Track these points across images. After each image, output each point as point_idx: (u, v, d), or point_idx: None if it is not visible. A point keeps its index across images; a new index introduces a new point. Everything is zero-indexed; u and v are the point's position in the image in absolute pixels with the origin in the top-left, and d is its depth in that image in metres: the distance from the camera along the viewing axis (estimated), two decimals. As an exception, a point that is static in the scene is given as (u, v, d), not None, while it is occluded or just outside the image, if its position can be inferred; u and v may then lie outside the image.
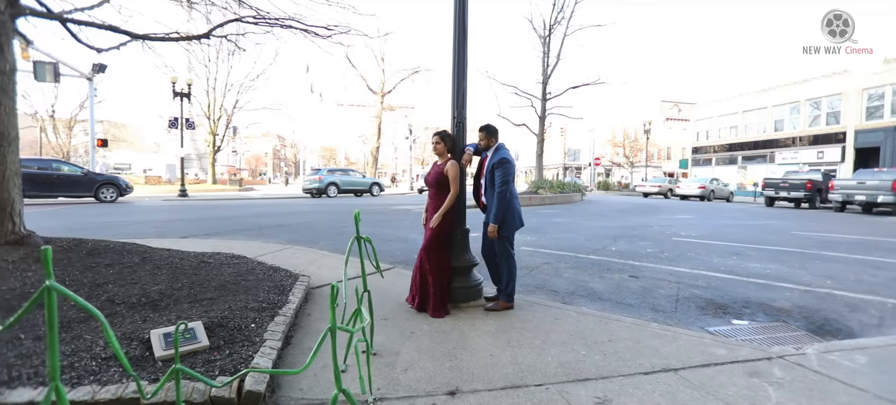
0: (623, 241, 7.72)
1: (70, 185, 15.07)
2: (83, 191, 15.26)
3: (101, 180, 15.88)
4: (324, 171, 22.16)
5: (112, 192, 15.78)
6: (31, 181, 14.10)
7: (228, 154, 72.30)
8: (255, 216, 11.19)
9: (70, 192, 15.15)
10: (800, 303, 4.38)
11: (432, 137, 3.77)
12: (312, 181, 21.36)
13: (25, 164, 13.62)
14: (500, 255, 3.65)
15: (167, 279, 3.25)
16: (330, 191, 20.94)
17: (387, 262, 5.57)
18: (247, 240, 7.12)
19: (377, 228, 9.01)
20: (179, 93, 19.57)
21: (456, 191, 3.62)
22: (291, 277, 4.03)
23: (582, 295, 4.51)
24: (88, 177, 15.62)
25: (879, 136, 24.58)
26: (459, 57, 3.84)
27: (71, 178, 15.15)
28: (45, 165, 15.30)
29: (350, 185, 21.96)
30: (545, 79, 18.58)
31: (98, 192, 15.39)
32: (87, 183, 15.35)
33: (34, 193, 14.21)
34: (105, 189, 15.63)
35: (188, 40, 4.50)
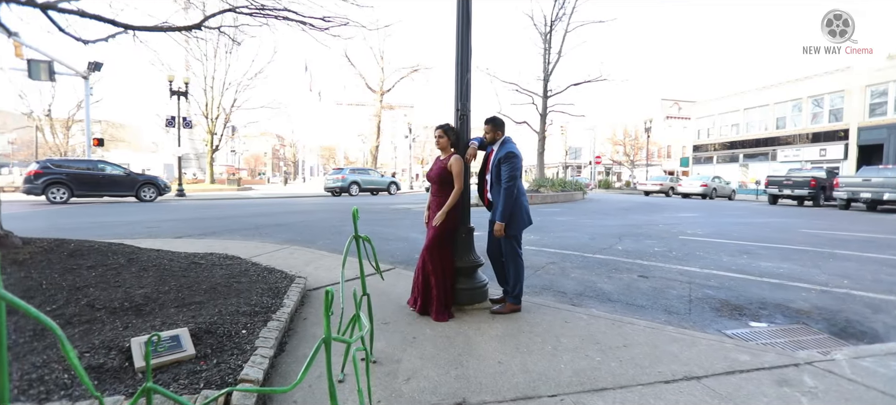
0: (629, 240, 7.53)
1: (114, 184, 15.60)
2: (125, 190, 15.78)
3: (142, 180, 16.37)
4: (346, 171, 22.99)
5: (152, 192, 16.32)
6: (80, 181, 14.78)
7: (227, 153, 72.03)
8: (253, 215, 10.99)
9: (114, 191, 15.63)
10: (818, 303, 4.19)
11: (435, 131, 3.58)
12: (335, 180, 22.18)
13: (76, 166, 15.34)
14: (507, 255, 3.46)
15: (154, 282, 3.06)
16: (352, 189, 21.83)
17: (387, 263, 5.38)
18: (243, 240, 6.93)
19: (377, 227, 8.82)
20: (176, 91, 19.36)
21: (460, 187, 3.43)
22: (287, 279, 3.84)
23: (591, 296, 4.33)
24: (130, 177, 16.09)
25: (883, 133, 24.41)
26: (463, 47, 3.64)
27: (114, 178, 15.67)
28: (92, 166, 15.71)
29: (370, 183, 22.83)
30: (546, 76, 18.38)
31: (139, 192, 15.92)
32: (129, 183, 15.87)
33: (82, 193, 14.84)
34: (145, 188, 16.16)
35: (179, 31, 4.31)
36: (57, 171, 14.54)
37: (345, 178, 22.06)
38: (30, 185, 14.18)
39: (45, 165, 14.68)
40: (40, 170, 14.35)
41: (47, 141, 37.42)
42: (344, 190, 21.75)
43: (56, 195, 14.36)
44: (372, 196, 22.68)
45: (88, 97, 18.13)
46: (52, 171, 14.50)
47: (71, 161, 16.02)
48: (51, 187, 14.27)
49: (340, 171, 23.16)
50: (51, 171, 14.46)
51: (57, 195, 14.37)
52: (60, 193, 14.42)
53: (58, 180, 14.41)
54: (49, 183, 14.25)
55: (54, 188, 14.34)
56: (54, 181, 14.36)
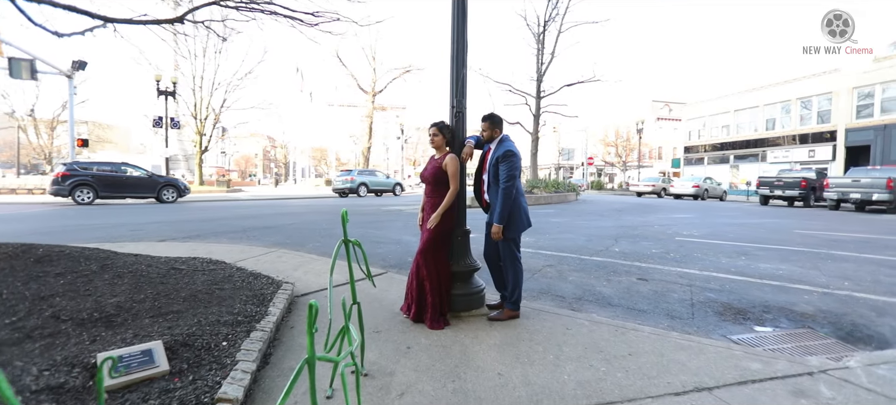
0: (625, 242, 7.42)
1: (137, 186, 15.98)
2: (147, 191, 16.12)
3: (163, 182, 16.75)
4: (355, 173, 23.84)
5: (172, 193, 16.64)
6: (104, 183, 15.18)
7: (217, 155, 71.19)
8: (242, 218, 10.73)
9: (137, 192, 15.98)
10: (822, 306, 4.09)
11: (429, 129, 3.42)
12: (345, 181, 22.88)
13: (101, 168, 15.76)
14: (505, 259, 3.30)
15: (128, 290, 2.85)
16: (361, 190, 22.53)
17: (379, 267, 5.20)
18: (230, 243, 6.70)
19: (368, 230, 8.62)
20: (164, 91, 18.98)
21: (456, 187, 3.27)
22: (273, 285, 3.64)
23: (590, 300, 4.19)
24: (152, 178, 16.44)
25: (870, 135, 24.73)
26: (458, 41, 3.48)
27: (138, 180, 16.04)
28: (116, 168, 16.06)
29: (376, 185, 23.62)
30: (540, 76, 18.31)
31: (160, 193, 16.24)
32: (151, 184, 16.20)
33: (107, 194, 15.25)
34: (166, 190, 16.49)
35: (160, 24, 4.10)
36: (83, 174, 14.93)
37: (354, 180, 22.69)
38: (58, 186, 14.49)
39: (71, 167, 15.03)
40: (68, 171, 14.71)
41: (31, 142, 36.62)
42: (353, 191, 22.32)
43: (82, 196, 14.68)
44: (376, 197, 22.91)
45: (72, 97, 17.69)
46: (79, 173, 14.87)
47: (95, 163, 16.34)
48: (77, 189, 14.61)
49: (350, 173, 23.84)
50: (78, 173, 14.83)
51: (83, 196, 14.70)
52: (86, 194, 14.77)
53: (84, 182, 14.78)
54: (76, 184, 14.60)
55: (81, 189, 14.68)
56: (81, 183, 14.72)
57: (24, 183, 20.17)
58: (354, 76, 37.76)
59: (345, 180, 23.04)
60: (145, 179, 16.21)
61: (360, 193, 22.50)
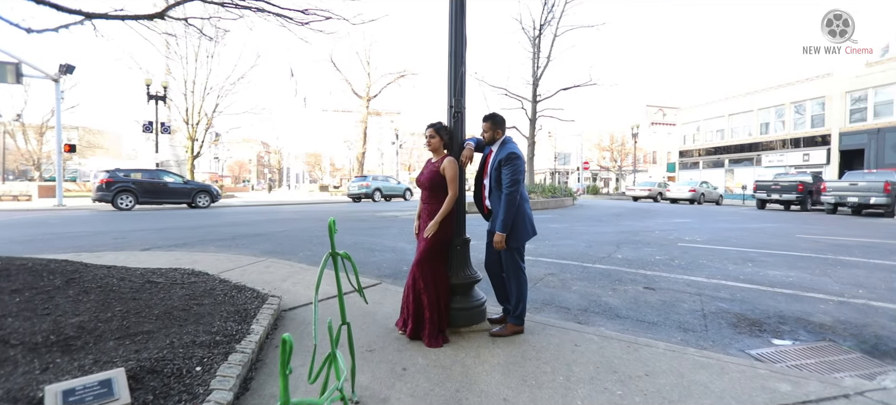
0: (627, 248, 7.21)
1: (173, 193, 16.64)
2: (183, 198, 16.83)
3: (197, 188, 17.52)
4: (369, 179, 25.38)
5: (206, 199, 17.38)
6: (144, 189, 15.85)
7: (210, 160, 70.54)
8: (232, 225, 10.43)
9: (173, 199, 16.67)
10: (840, 317, 3.88)
11: (426, 130, 3.18)
12: (361, 187, 24.52)
13: (148, 171, 16.67)
14: (508, 270, 3.06)
15: (94, 307, 2.58)
16: (375, 195, 24.29)
17: (373, 277, 4.94)
18: (217, 251, 6.41)
19: (361, 237, 8.36)
20: (154, 95, 18.64)
21: (455, 193, 3.03)
22: (258, 299, 3.38)
23: (597, 312, 3.95)
24: (187, 185, 17.30)
25: (863, 139, 24.80)
26: (457, 37, 3.26)
27: (174, 186, 16.74)
28: (155, 176, 16.76)
29: (389, 190, 25.33)
30: (535, 80, 18.17)
31: (195, 199, 16.95)
32: (186, 191, 16.95)
33: (146, 200, 15.91)
34: (200, 196, 17.22)
35: (138, 19, 3.84)
36: (125, 180, 15.63)
37: (369, 186, 24.41)
38: (102, 192, 15.15)
39: (114, 174, 15.77)
40: (111, 178, 15.43)
41: (19, 147, 36.00)
42: (368, 196, 24.02)
43: (124, 202, 15.36)
44: (386, 202, 24.05)
45: (59, 101, 17.29)
46: (122, 179, 15.59)
47: (134, 170, 16.97)
48: (120, 195, 15.27)
49: (364, 179, 25.37)
50: (120, 179, 15.56)
51: (125, 202, 15.38)
52: (128, 200, 15.43)
53: (126, 188, 15.46)
54: (119, 190, 15.28)
55: (123, 196, 15.34)
56: (123, 189, 15.39)
57: (9, 190, 19.70)
58: (349, 81, 37.56)
59: (361, 186, 24.52)
60: (181, 186, 16.88)
61: (375, 198, 24.14)
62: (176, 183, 16.85)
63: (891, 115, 23.80)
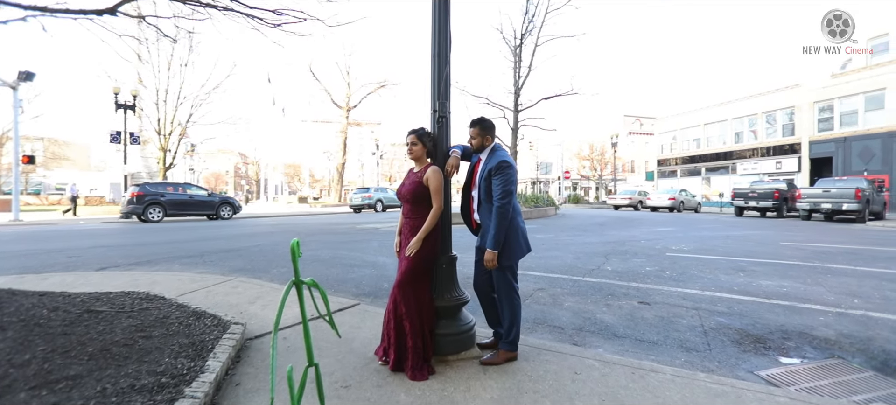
0: (616, 259, 7.02)
1: (199, 205, 17.30)
2: (208, 210, 17.47)
3: (220, 201, 18.13)
4: (372, 190, 26.59)
5: (228, 210, 18.13)
6: (173, 203, 16.47)
7: (185, 172, 68.53)
8: (202, 239, 9.86)
9: (200, 211, 17.28)
10: (842, 330, 3.72)
11: (407, 137, 2.88)
12: (364, 198, 25.66)
13: (175, 185, 17.36)
14: (500, 291, 2.77)
15: (10, 348, 2.16)
16: (377, 206, 25.49)
17: (350, 295, 4.58)
18: (181, 270, 5.93)
19: (340, 251, 7.95)
20: (123, 105, 17.83)
21: (440, 205, 2.73)
22: (219, 326, 2.99)
23: (592, 331, 3.69)
24: (212, 198, 17.97)
25: (831, 147, 25.63)
26: (441, 35, 2.98)
27: (199, 199, 17.43)
28: (183, 188, 17.58)
29: (390, 200, 26.04)
30: (517, 89, 18.13)
31: (219, 211, 17.65)
32: (210, 203, 17.64)
33: (173, 213, 16.49)
34: (223, 208, 17.94)
35: (86, 15, 3.44)
36: (154, 194, 16.18)
37: (371, 197, 25.67)
38: (133, 206, 15.62)
39: (144, 188, 16.34)
40: (141, 192, 15.90)
41: (-24, 160, 34.10)
42: (371, 206, 25.28)
43: (154, 214, 15.88)
44: (383, 213, 24.51)
45: (17, 110, 16.32)
46: (151, 193, 16.16)
47: (161, 184, 17.61)
48: (150, 208, 15.78)
49: (367, 190, 26.55)
50: (150, 193, 16.12)
51: (155, 214, 15.90)
52: (157, 213, 15.96)
53: (156, 201, 15.98)
54: (149, 204, 15.79)
55: (153, 208, 15.85)
56: (153, 202, 15.91)
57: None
58: (328, 91, 37.10)
59: (364, 197, 25.68)
60: (205, 198, 17.60)
61: (377, 208, 25.30)
62: (201, 196, 17.51)
63: (855, 124, 24.68)
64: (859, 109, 24.49)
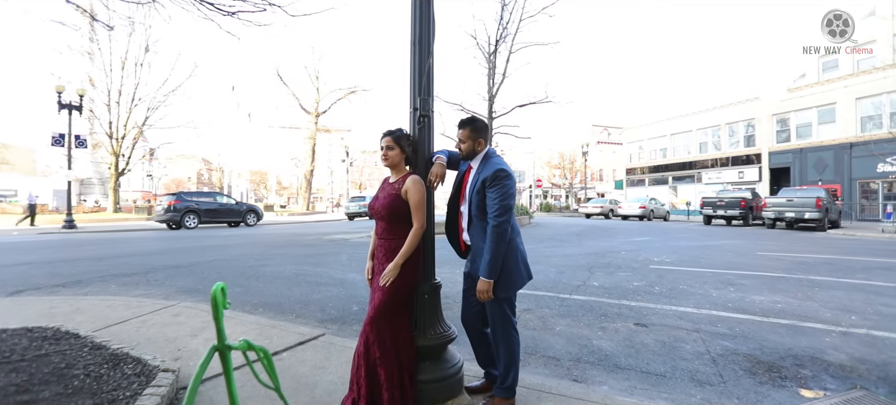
0: (600, 273, 6.69)
1: (228, 213, 18.30)
2: (236, 217, 18.41)
3: (246, 209, 19.03)
4: (367, 198, 26.02)
5: (254, 218, 19.02)
6: (209, 212, 17.46)
7: (142, 178, 64.86)
8: (151, 253, 8.93)
9: (228, 218, 18.25)
10: (853, 353, 3.45)
11: (382, 140, 2.38)
12: (360, 206, 25.50)
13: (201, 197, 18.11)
14: (495, 327, 2.28)
15: None
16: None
17: (314, 323, 3.99)
18: (116, 293, 5.15)
19: (305, 266, 7.29)
20: (68, 105, 16.38)
21: (422, 224, 2.24)
22: (142, 377, 2.36)
23: (591, 361, 3.26)
24: (239, 206, 18.92)
25: (789, 157, 26.76)
26: (422, 20, 2.51)
27: (228, 207, 18.49)
28: (212, 197, 18.71)
29: None
30: (491, 97, 17.87)
31: (245, 218, 18.59)
32: (238, 211, 18.55)
33: (206, 220, 17.35)
34: (249, 215, 18.83)
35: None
36: (190, 202, 17.08)
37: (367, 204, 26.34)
38: (172, 213, 16.36)
39: (179, 196, 17.11)
40: (178, 201, 16.72)
41: None
42: (367, 214, 24.33)
43: (190, 221, 16.69)
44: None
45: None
46: (186, 201, 16.99)
47: (194, 194, 18.40)
48: (187, 215, 16.61)
49: (364, 199, 26.32)
50: (185, 201, 16.93)
51: (191, 222, 16.70)
52: (193, 220, 16.75)
53: (192, 209, 16.82)
54: (186, 211, 16.62)
55: (189, 216, 16.68)
56: (190, 210, 16.74)
57: None
58: (296, 96, 35.97)
59: (360, 205, 25.51)
60: (234, 207, 18.59)
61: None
62: (229, 204, 18.65)
63: (810, 136, 25.87)
64: (813, 122, 25.69)
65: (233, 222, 18.35)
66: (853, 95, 23.36)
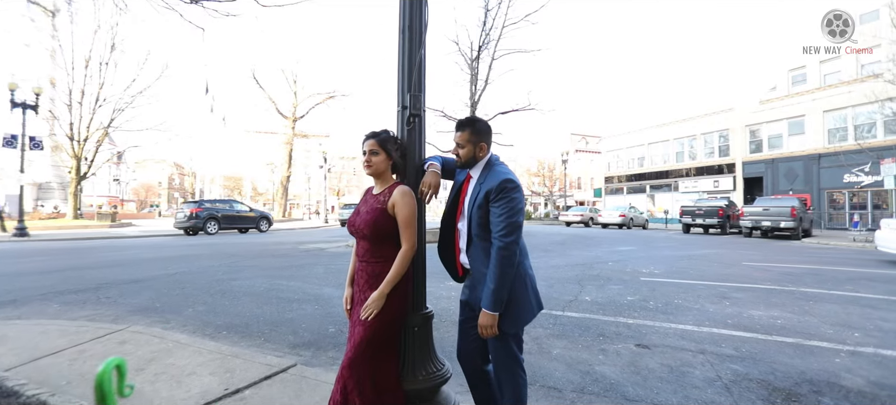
0: (591, 286, 6.42)
1: (244, 219, 19.16)
2: (251, 224, 19.40)
3: (259, 215, 20.04)
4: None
5: (266, 224, 20.09)
6: (227, 218, 18.39)
7: (109, 182, 62.04)
8: (107, 265, 8.22)
9: (244, 224, 19.12)
10: (869, 376, 3.24)
11: (364, 143, 2.00)
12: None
13: (223, 202, 19.26)
14: (499, 366, 1.92)
15: None
16: None
17: (285, 349, 3.54)
18: (56, 314, 4.55)
19: (278, 280, 6.77)
20: (22, 104, 15.30)
21: (412, 244, 1.87)
22: (60, 433, 1.89)
23: (596, 392, 2.93)
24: (253, 212, 19.86)
25: (762, 167, 27.47)
26: (412, 7, 2.15)
27: (244, 214, 19.38)
28: (229, 204, 19.39)
29: None
30: (474, 103, 17.63)
31: (258, 225, 19.61)
32: (252, 218, 19.50)
33: (225, 226, 18.34)
34: (262, 222, 19.85)
35: None
36: (211, 209, 18.00)
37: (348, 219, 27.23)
38: (195, 220, 17.26)
39: (201, 204, 18.22)
40: (200, 208, 17.74)
41: None
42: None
43: (212, 227, 17.55)
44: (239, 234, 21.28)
45: None
46: (208, 209, 17.90)
47: (213, 201, 19.01)
48: (208, 221, 17.47)
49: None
50: (206, 209, 17.85)
51: (212, 228, 17.56)
52: (213, 226, 17.60)
53: (213, 216, 17.70)
54: (207, 218, 17.46)
55: (210, 222, 17.54)
56: (211, 216, 17.60)
57: None
58: (273, 100, 35.05)
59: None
60: (248, 213, 19.49)
61: None
62: (244, 210, 19.54)
63: (781, 147, 26.64)
64: (784, 133, 26.47)
65: (244, 228, 19.10)
66: (820, 108, 24.16)
